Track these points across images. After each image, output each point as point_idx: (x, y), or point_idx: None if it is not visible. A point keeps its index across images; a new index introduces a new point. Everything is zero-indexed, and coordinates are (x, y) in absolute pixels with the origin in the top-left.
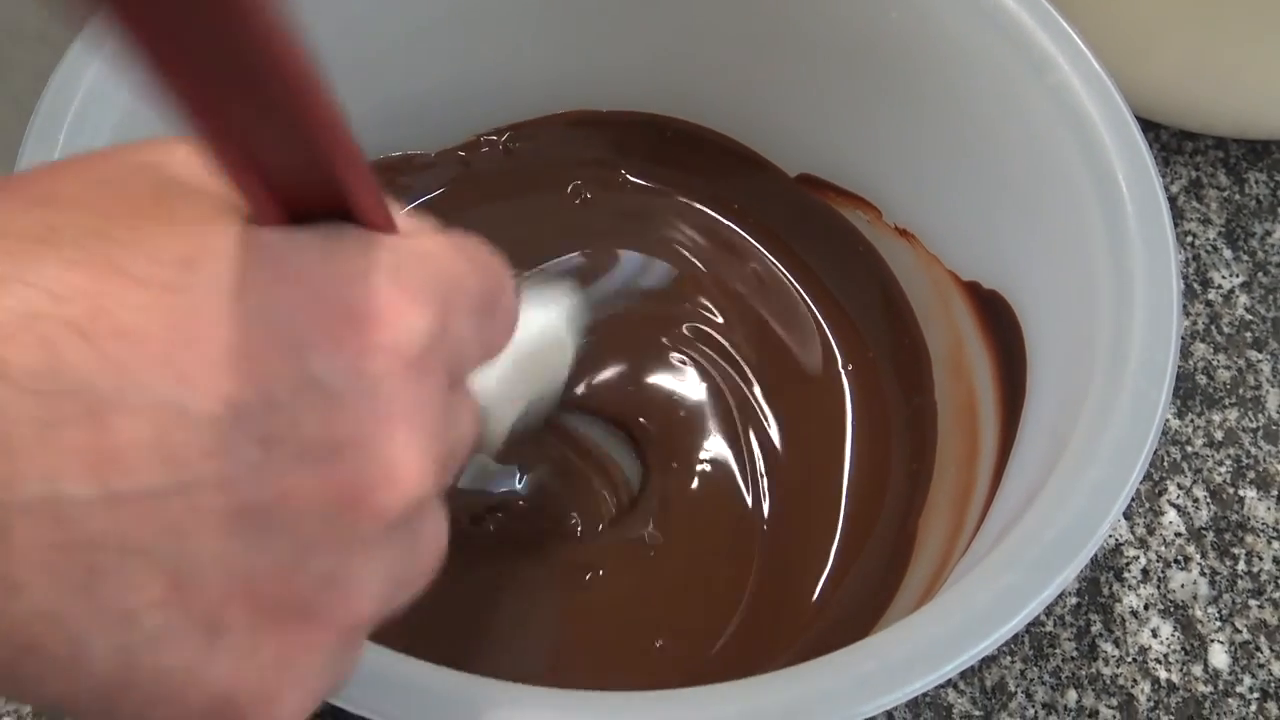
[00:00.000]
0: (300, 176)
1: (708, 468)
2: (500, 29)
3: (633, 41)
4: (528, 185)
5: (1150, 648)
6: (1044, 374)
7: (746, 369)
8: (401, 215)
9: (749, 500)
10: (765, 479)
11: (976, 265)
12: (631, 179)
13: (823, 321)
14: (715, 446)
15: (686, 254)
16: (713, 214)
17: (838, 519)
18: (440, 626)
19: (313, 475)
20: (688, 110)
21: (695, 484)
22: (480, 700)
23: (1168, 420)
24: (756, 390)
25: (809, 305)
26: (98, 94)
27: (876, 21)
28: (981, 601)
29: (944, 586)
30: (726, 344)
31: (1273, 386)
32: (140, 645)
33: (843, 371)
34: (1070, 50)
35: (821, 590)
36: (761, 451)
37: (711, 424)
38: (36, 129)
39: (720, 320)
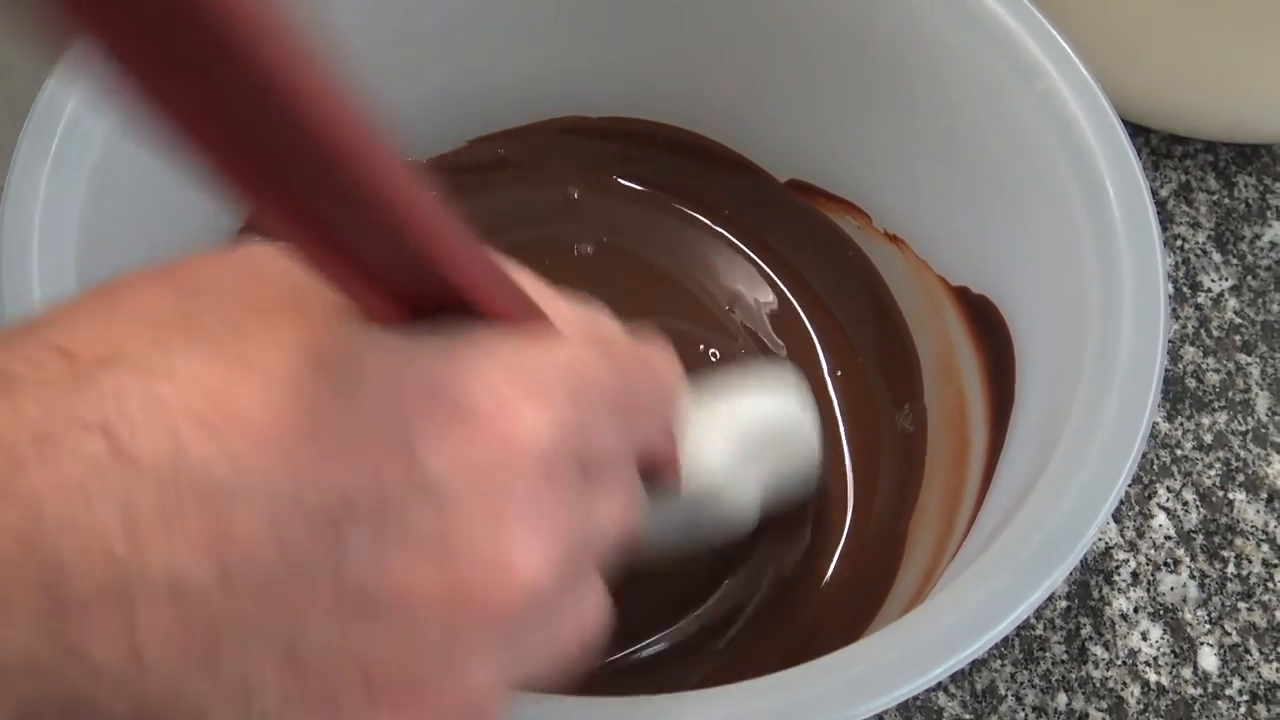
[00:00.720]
0: (406, 274)
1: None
2: (492, 35)
3: (623, 48)
4: (520, 191)
5: (1140, 651)
6: (1033, 378)
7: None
8: (552, 299)
9: None
10: None
11: (966, 270)
12: (623, 184)
13: (812, 327)
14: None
15: (677, 259)
16: (703, 219)
17: (828, 523)
18: None
19: (425, 569)
20: (678, 116)
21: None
22: None
23: (1157, 423)
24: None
25: (799, 311)
26: (91, 101)
27: (866, 28)
28: (971, 604)
29: (934, 589)
30: (716, 350)
31: (1262, 390)
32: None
33: (831, 378)
34: (1058, 56)
35: (811, 594)
36: None
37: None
38: (32, 128)
39: (710, 326)
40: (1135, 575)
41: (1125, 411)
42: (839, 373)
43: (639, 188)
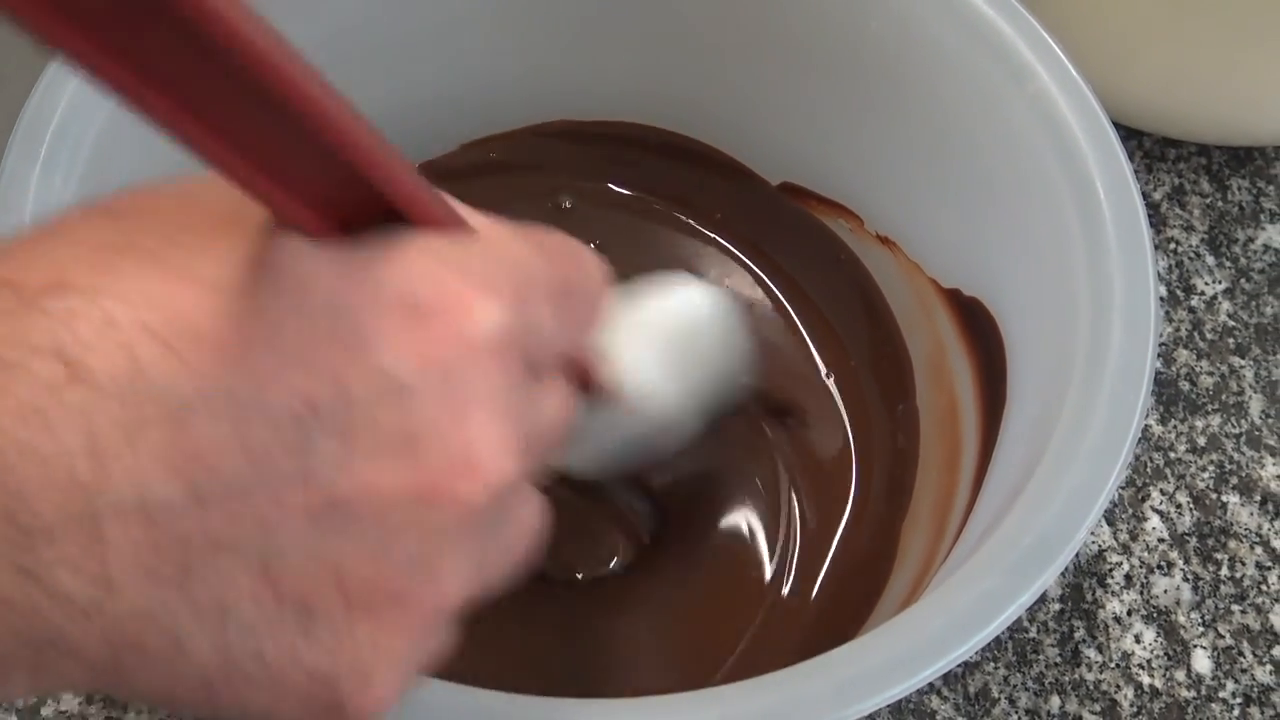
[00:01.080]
0: (332, 183)
1: (693, 479)
2: (483, 39)
3: (615, 52)
4: (512, 195)
5: (1133, 653)
6: (1024, 380)
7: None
8: (472, 213)
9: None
10: None
11: (957, 272)
12: (615, 189)
13: (805, 330)
14: (698, 457)
15: (669, 263)
16: (695, 224)
17: (821, 524)
18: None
19: (393, 467)
20: (670, 119)
21: (683, 494)
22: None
23: (1150, 426)
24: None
25: (792, 314)
26: (82, 99)
27: (857, 31)
28: (961, 606)
29: (926, 590)
30: None
31: (1255, 392)
32: (237, 636)
33: (825, 380)
34: (1049, 59)
35: (805, 596)
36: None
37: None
38: (21, 133)
39: None
40: (1129, 578)
41: (1115, 413)
42: (832, 376)
43: (630, 192)
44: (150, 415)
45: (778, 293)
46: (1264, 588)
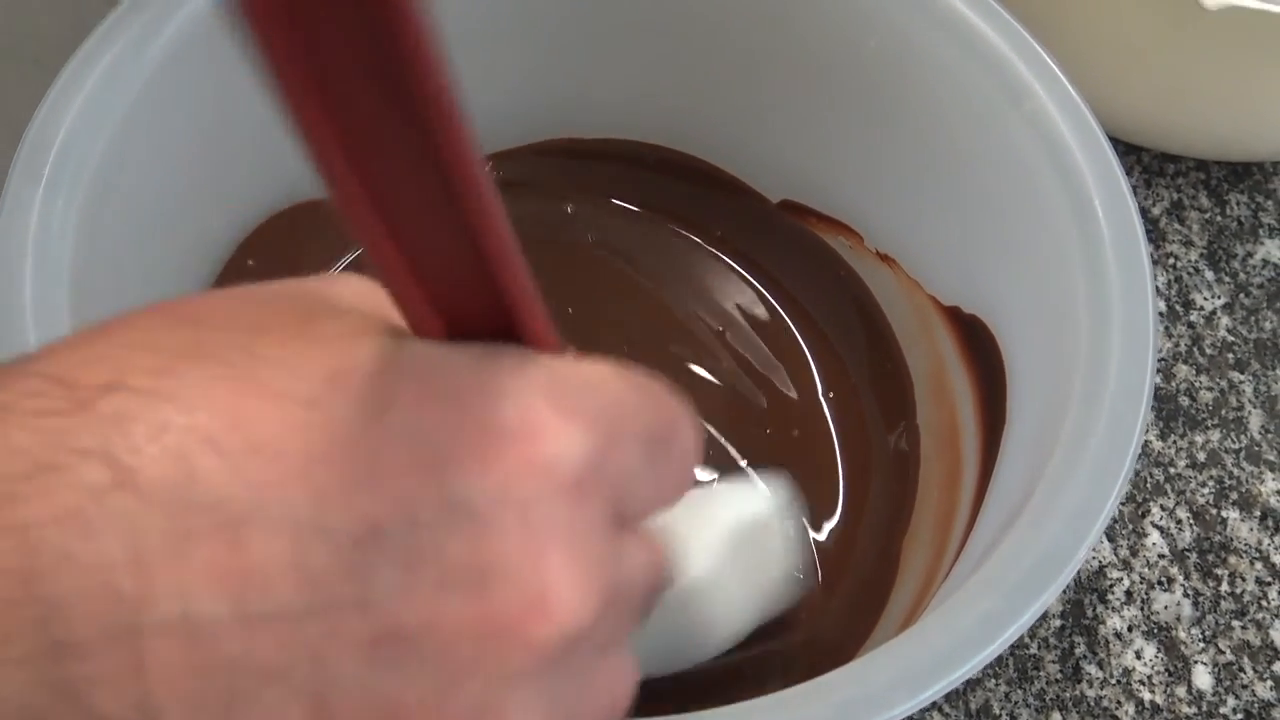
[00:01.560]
0: (467, 293)
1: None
2: (483, 57)
3: (615, 70)
4: (511, 214)
5: (1134, 669)
6: (1024, 398)
7: (729, 394)
8: (570, 350)
9: None
10: None
11: (957, 290)
12: (617, 205)
13: (805, 347)
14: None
15: (669, 279)
16: (696, 240)
17: (821, 542)
18: None
19: (459, 601)
20: (670, 137)
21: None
22: None
23: (1150, 442)
24: (740, 416)
25: (792, 331)
26: (85, 121)
27: (856, 50)
28: (962, 626)
29: (927, 609)
30: (708, 371)
31: (1255, 408)
32: None
33: (824, 399)
34: (1047, 78)
35: (804, 616)
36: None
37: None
38: (24, 153)
39: (703, 346)
40: (1129, 594)
41: (1115, 431)
42: (832, 394)
43: (632, 208)
44: (200, 527)
45: (778, 310)
46: (1264, 603)
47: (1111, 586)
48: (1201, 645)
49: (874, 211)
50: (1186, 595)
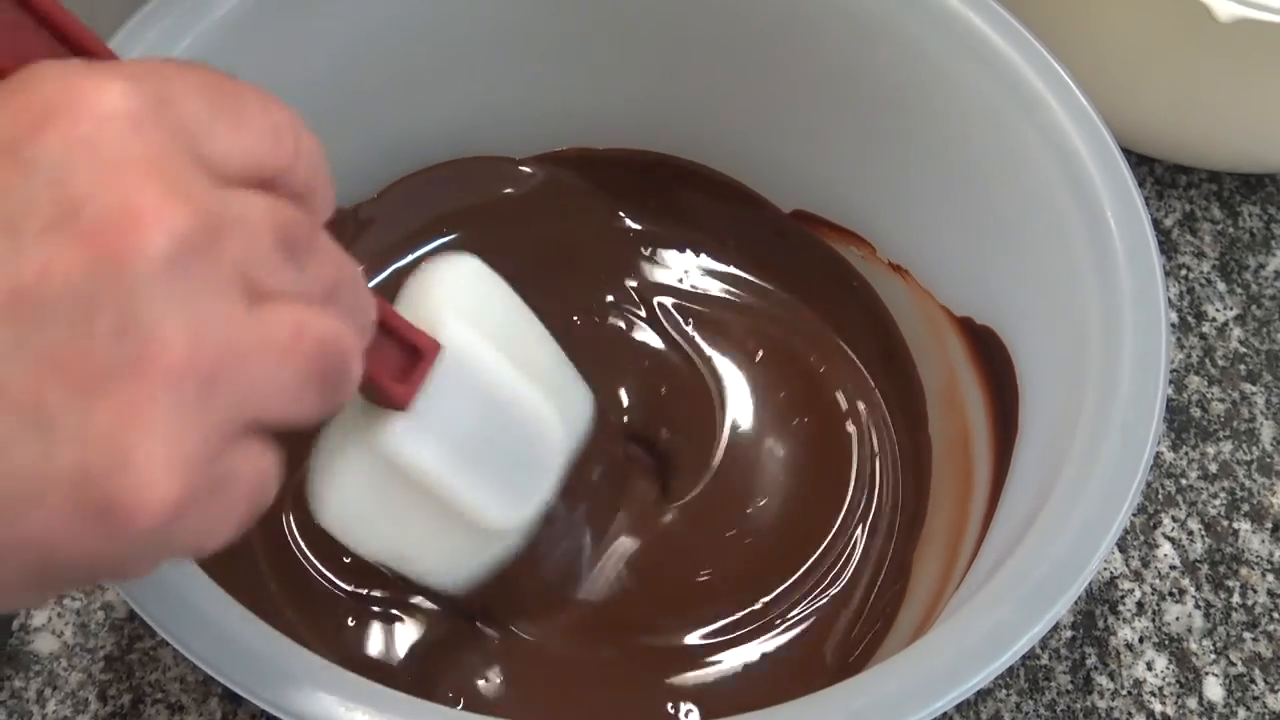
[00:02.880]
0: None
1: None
2: (495, 67)
3: (627, 79)
4: (522, 222)
5: (1145, 681)
6: (1036, 409)
7: (744, 405)
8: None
9: (748, 541)
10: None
11: (969, 301)
12: (626, 216)
13: (818, 357)
14: (716, 481)
15: (684, 291)
16: (707, 250)
17: (834, 552)
18: None
19: (63, 239)
20: (683, 147)
21: (699, 516)
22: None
23: (1162, 453)
24: (754, 425)
25: (804, 341)
26: None
27: (867, 60)
28: (973, 637)
29: (938, 621)
30: (724, 381)
31: (1266, 419)
32: None
33: (837, 407)
34: (1058, 87)
35: (815, 626)
36: (760, 489)
37: (713, 459)
38: None
39: (717, 356)
40: (1140, 605)
41: (1126, 444)
42: (844, 404)
43: (642, 220)
44: None
45: (791, 320)
46: (1276, 615)
47: (1123, 597)
48: (1213, 657)
49: (886, 221)
50: (1198, 607)
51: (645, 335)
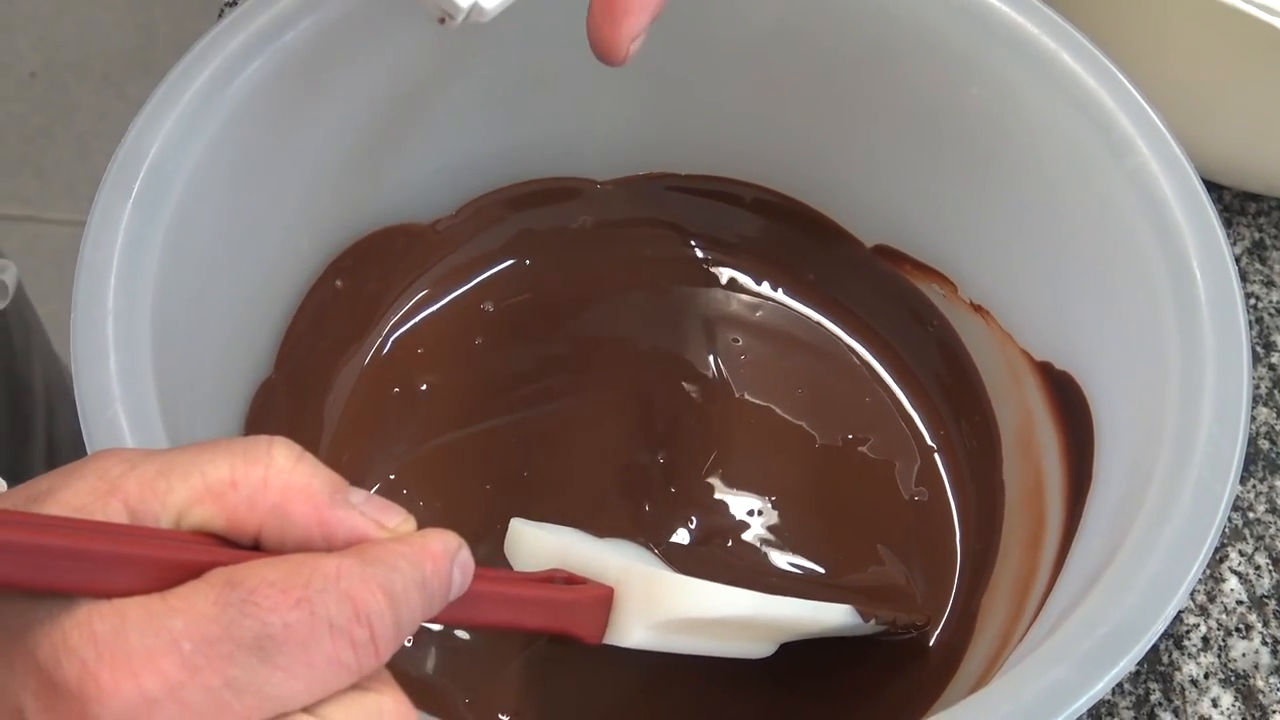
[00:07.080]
0: None
1: (780, 537)
2: (585, 91)
3: (716, 108)
4: (597, 246)
5: (1210, 718)
6: (1111, 460)
7: (812, 442)
8: None
9: (822, 570)
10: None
11: (1049, 345)
12: (699, 246)
13: (894, 396)
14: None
15: (757, 324)
16: (785, 284)
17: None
18: None
19: None
20: (767, 177)
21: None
22: None
23: None
24: (822, 462)
25: (882, 380)
26: (177, 138)
27: (958, 96)
28: (1029, 695)
29: (1000, 671)
30: (794, 418)
31: None
32: None
33: (911, 448)
34: (1151, 133)
35: (879, 669)
36: (826, 522)
37: (785, 491)
38: (116, 167)
39: (786, 390)
40: (1206, 640)
41: (1200, 502)
42: (922, 443)
43: (719, 250)
44: None
45: (868, 357)
46: None
47: (1188, 632)
48: None
49: (970, 261)
50: (1265, 643)
51: (712, 368)
